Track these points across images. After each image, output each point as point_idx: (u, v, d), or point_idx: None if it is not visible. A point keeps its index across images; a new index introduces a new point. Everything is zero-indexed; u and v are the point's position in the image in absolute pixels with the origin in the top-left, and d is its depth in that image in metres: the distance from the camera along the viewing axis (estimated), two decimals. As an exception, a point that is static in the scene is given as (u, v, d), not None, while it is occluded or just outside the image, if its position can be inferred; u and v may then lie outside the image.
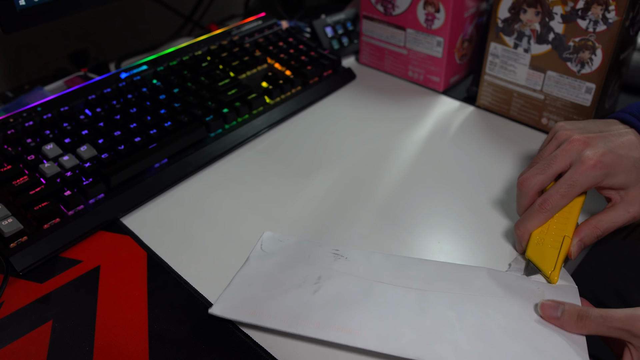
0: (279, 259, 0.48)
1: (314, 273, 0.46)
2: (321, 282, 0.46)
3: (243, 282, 0.46)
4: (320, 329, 0.42)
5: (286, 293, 0.45)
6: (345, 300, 0.44)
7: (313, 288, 0.45)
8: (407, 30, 0.72)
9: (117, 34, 0.94)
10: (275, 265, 0.48)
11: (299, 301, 0.44)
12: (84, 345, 0.43)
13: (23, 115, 0.59)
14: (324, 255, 0.48)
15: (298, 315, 0.43)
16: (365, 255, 0.48)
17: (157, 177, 0.56)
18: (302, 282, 0.46)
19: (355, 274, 0.46)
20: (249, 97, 0.65)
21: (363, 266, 0.47)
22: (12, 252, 0.48)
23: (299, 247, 0.50)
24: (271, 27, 0.80)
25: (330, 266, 0.47)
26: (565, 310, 0.41)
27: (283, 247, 0.50)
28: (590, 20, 0.56)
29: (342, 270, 0.47)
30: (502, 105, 0.68)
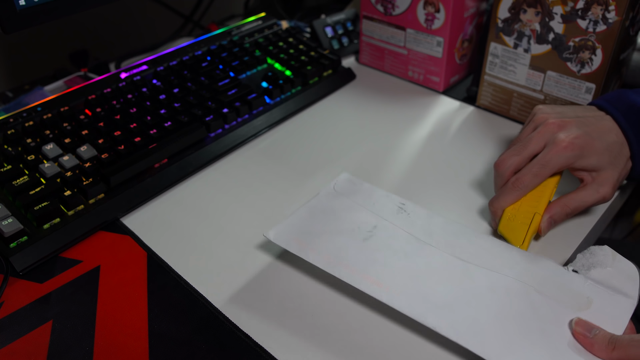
0: (346, 201, 0.50)
1: (372, 221, 0.48)
2: (375, 232, 0.47)
3: (305, 214, 0.48)
4: (354, 276, 0.43)
5: (339, 234, 0.46)
6: (389, 254, 0.45)
7: (365, 235, 0.46)
8: (407, 30, 0.72)
9: (117, 34, 0.94)
10: (340, 206, 0.49)
11: (346, 244, 0.46)
12: (84, 345, 0.43)
13: (23, 115, 0.59)
14: (389, 205, 0.49)
15: (340, 258, 0.44)
16: (428, 216, 0.49)
17: (157, 177, 0.56)
18: (358, 227, 0.47)
19: (409, 231, 0.47)
20: (249, 97, 0.65)
21: (421, 225, 0.48)
22: (12, 252, 0.48)
23: (369, 193, 0.50)
24: (271, 27, 0.80)
25: (390, 218, 0.48)
26: (597, 334, 0.39)
27: (354, 191, 0.50)
28: (590, 20, 0.56)
29: (399, 224, 0.47)
30: (502, 105, 0.68)
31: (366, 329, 0.44)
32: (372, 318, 0.44)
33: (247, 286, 0.47)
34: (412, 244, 0.46)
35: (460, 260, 0.45)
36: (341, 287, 0.47)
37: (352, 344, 0.43)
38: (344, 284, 0.47)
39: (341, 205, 0.49)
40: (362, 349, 0.42)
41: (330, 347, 0.42)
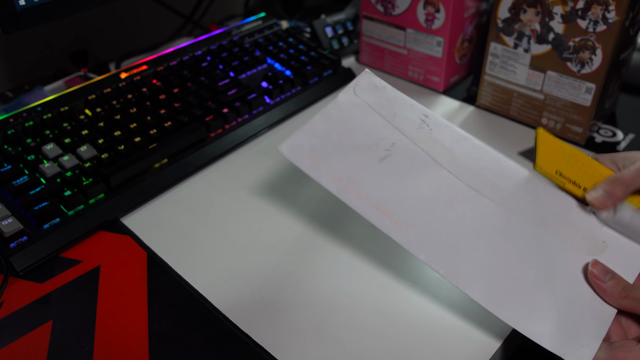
0: (366, 108, 0.44)
1: (391, 137, 0.43)
2: (392, 151, 0.43)
3: (321, 123, 0.44)
4: (365, 205, 0.41)
5: (355, 151, 0.43)
6: (406, 182, 0.42)
7: (382, 154, 0.42)
8: (407, 30, 0.72)
9: (117, 34, 0.94)
10: (360, 115, 0.44)
11: (361, 164, 0.42)
12: (84, 345, 0.43)
13: (23, 115, 0.59)
14: (410, 117, 0.44)
15: (353, 180, 0.41)
16: (453, 136, 0.44)
17: (157, 177, 0.56)
18: (375, 144, 0.43)
19: (431, 153, 0.43)
20: (249, 97, 0.65)
21: (442, 147, 0.43)
22: (12, 252, 0.48)
23: (392, 99, 0.45)
24: (271, 27, 0.80)
25: (410, 133, 0.43)
26: (613, 278, 0.39)
27: (375, 95, 0.45)
28: (590, 20, 0.56)
29: (420, 144, 0.43)
30: (502, 105, 0.68)
31: (367, 329, 0.44)
32: (373, 318, 0.44)
33: (247, 286, 0.47)
34: (434, 173, 0.42)
35: (475, 191, 0.42)
36: (341, 287, 0.47)
37: (353, 343, 0.43)
38: (344, 283, 0.47)
39: (360, 114, 0.44)
40: (363, 349, 0.42)
41: (330, 347, 0.42)
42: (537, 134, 0.45)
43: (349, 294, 0.46)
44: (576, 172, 0.44)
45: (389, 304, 0.46)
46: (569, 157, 0.44)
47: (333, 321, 0.44)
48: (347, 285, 0.47)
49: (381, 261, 0.49)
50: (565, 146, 0.45)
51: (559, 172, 0.44)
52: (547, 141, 0.45)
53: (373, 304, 0.46)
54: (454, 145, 0.44)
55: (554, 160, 0.44)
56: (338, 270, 0.49)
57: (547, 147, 0.45)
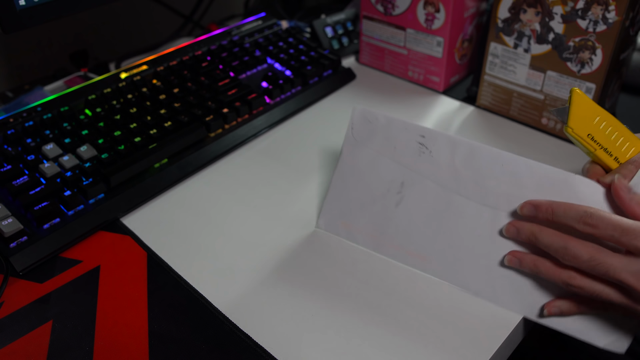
0: (368, 152, 0.49)
1: (398, 177, 0.48)
2: (403, 192, 0.48)
3: (339, 185, 0.50)
4: (399, 253, 0.48)
5: (375, 203, 0.49)
6: (423, 220, 0.47)
7: (396, 199, 0.48)
8: (407, 30, 0.72)
9: (117, 34, 0.94)
10: (365, 162, 0.49)
11: (383, 215, 0.48)
12: (84, 345, 0.43)
13: (23, 115, 0.59)
14: (409, 144, 0.47)
15: (383, 232, 0.48)
16: (451, 151, 0.46)
17: (157, 177, 0.56)
18: (387, 190, 0.48)
19: (436, 180, 0.46)
20: (249, 97, 0.65)
21: (446, 165, 0.46)
22: (12, 252, 0.48)
23: (387, 131, 0.48)
24: (271, 27, 0.80)
25: (414, 165, 0.47)
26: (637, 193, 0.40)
27: (372, 131, 0.49)
28: (590, 20, 0.56)
29: (424, 173, 0.47)
30: (502, 105, 0.68)
31: (366, 329, 0.44)
32: (372, 317, 0.44)
33: (247, 286, 0.47)
34: (441, 199, 0.46)
35: (489, 207, 0.45)
36: (341, 286, 0.47)
37: (353, 343, 0.43)
38: (344, 282, 0.47)
39: (364, 161, 0.49)
40: (363, 348, 0.42)
41: (330, 347, 0.42)
42: (573, 93, 0.43)
43: (349, 294, 0.46)
44: (609, 140, 0.43)
45: (390, 303, 0.46)
46: (604, 122, 0.43)
47: (333, 321, 0.44)
48: (347, 285, 0.47)
49: (381, 261, 0.49)
50: (601, 111, 0.43)
51: (590, 136, 0.43)
52: (582, 102, 0.43)
53: (373, 304, 0.46)
54: (454, 159, 0.46)
55: (587, 124, 0.43)
56: (338, 270, 0.49)
57: (581, 108, 0.43)
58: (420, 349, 0.42)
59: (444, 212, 0.46)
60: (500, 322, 0.44)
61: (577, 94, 0.43)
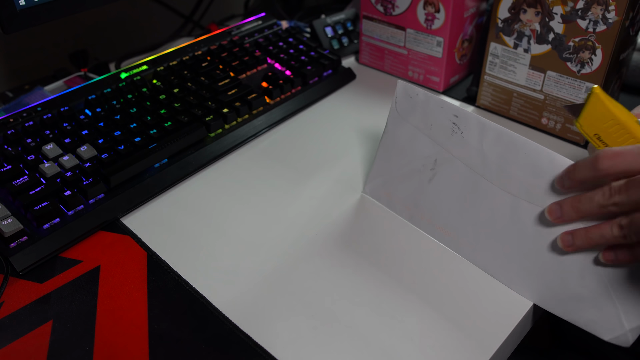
0: (408, 127, 0.51)
1: (432, 154, 0.50)
2: (436, 169, 0.50)
3: (383, 155, 0.54)
4: (429, 226, 0.52)
5: (411, 176, 0.52)
6: (452, 198, 0.49)
7: (429, 175, 0.50)
8: (407, 30, 0.72)
9: (117, 34, 0.94)
10: (405, 136, 0.52)
11: (418, 189, 0.52)
12: (84, 345, 0.43)
13: (23, 115, 0.59)
14: (443, 123, 0.49)
15: (416, 205, 0.52)
16: (479, 134, 0.47)
17: (157, 177, 0.56)
18: (423, 165, 0.51)
19: (465, 161, 0.48)
20: (249, 97, 0.65)
21: (475, 150, 0.47)
22: (12, 252, 0.48)
23: (425, 107, 0.50)
24: (271, 27, 0.80)
25: (446, 144, 0.49)
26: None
27: (412, 106, 0.51)
28: (590, 20, 0.56)
29: (455, 153, 0.48)
30: (502, 105, 0.68)
31: (367, 327, 0.44)
32: (373, 317, 0.44)
33: (247, 286, 0.47)
34: (468, 180, 0.48)
35: (510, 194, 0.45)
36: (341, 286, 0.47)
37: (352, 343, 0.43)
38: (344, 282, 0.47)
39: (405, 136, 0.52)
40: (363, 348, 0.42)
41: (331, 347, 0.42)
42: (592, 93, 0.44)
43: (350, 294, 0.46)
44: (617, 140, 0.44)
45: (390, 303, 0.46)
46: (615, 125, 0.44)
47: (333, 321, 0.44)
48: (348, 285, 0.47)
49: (381, 260, 0.49)
50: (616, 114, 0.43)
51: (597, 136, 0.44)
52: (598, 104, 0.44)
53: (373, 304, 0.46)
54: (482, 142, 0.47)
55: (597, 124, 0.44)
56: (338, 269, 0.49)
57: (595, 109, 0.44)
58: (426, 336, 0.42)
59: (470, 193, 0.48)
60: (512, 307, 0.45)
61: (596, 94, 0.44)
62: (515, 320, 0.44)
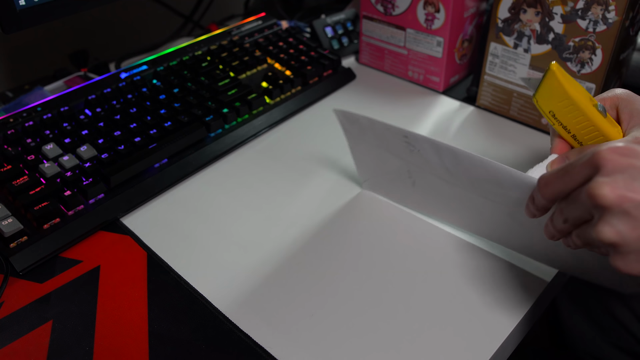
0: (368, 146, 0.51)
1: (403, 166, 0.50)
2: (412, 176, 0.50)
3: (360, 164, 0.54)
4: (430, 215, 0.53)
5: (394, 181, 0.52)
6: (436, 198, 0.50)
7: (410, 181, 0.51)
8: (407, 30, 0.72)
9: (117, 34, 0.94)
10: (370, 154, 0.52)
11: (406, 189, 0.52)
12: (84, 345, 0.43)
13: (23, 115, 0.59)
14: (397, 142, 0.47)
15: (412, 201, 0.53)
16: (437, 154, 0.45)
17: (157, 177, 0.56)
18: (400, 174, 0.51)
19: (435, 174, 0.47)
20: (249, 97, 0.65)
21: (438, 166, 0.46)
22: (12, 252, 0.48)
23: (374, 132, 0.49)
24: (271, 27, 0.80)
25: (409, 159, 0.48)
26: None
27: (361, 130, 0.50)
28: (590, 20, 0.56)
29: (422, 167, 0.48)
30: (502, 105, 0.68)
31: (367, 327, 0.44)
32: (371, 316, 0.44)
33: (247, 286, 0.47)
34: (446, 188, 0.48)
35: (490, 201, 0.45)
36: (341, 286, 0.47)
37: (353, 343, 0.43)
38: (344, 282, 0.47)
39: (370, 153, 0.52)
40: (363, 348, 0.42)
41: (330, 347, 0.42)
42: (549, 69, 0.43)
43: (350, 293, 0.46)
44: (571, 120, 0.44)
45: (390, 303, 0.46)
46: (570, 105, 0.43)
47: (333, 321, 0.44)
48: (348, 285, 0.47)
49: (381, 260, 0.49)
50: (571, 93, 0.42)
51: (552, 113, 0.44)
52: (554, 81, 0.43)
53: (373, 303, 0.46)
54: (443, 161, 0.46)
55: (553, 101, 0.44)
56: (338, 269, 0.49)
57: (552, 86, 0.43)
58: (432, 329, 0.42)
59: (452, 197, 0.48)
60: (512, 307, 0.45)
61: (553, 71, 0.43)
62: (515, 320, 0.44)
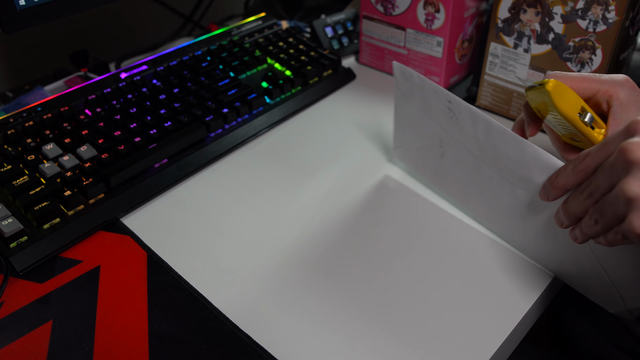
0: (411, 107, 0.52)
1: (437, 134, 0.51)
2: (444, 147, 0.51)
3: (399, 131, 0.56)
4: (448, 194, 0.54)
5: (425, 151, 0.53)
6: (461, 173, 0.51)
7: (439, 152, 0.52)
8: (407, 30, 0.72)
9: (117, 34, 0.94)
10: (411, 115, 0.53)
11: (434, 161, 0.53)
12: (84, 345, 0.43)
13: (23, 115, 0.59)
14: (440, 107, 0.49)
15: (436, 173, 0.54)
16: (472, 123, 0.46)
17: (157, 177, 0.56)
18: (431, 143, 0.52)
19: (465, 145, 0.49)
20: (249, 97, 0.65)
21: (471, 137, 0.47)
22: (12, 252, 0.48)
23: (422, 91, 0.50)
24: (271, 27, 0.80)
25: (447, 127, 0.49)
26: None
27: (411, 88, 0.51)
28: (590, 20, 0.56)
29: (456, 137, 0.49)
30: (502, 105, 0.68)
31: (367, 327, 0.44)
32: (371, 315, 0.44)
33: (247, 286, 0.47)
34: (472, 163, 0.49)
35: (508, 182, 0.46)
36: (341, 286, 0.47)
37: (353, 343, 0.43)
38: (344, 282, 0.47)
39: (411, 113, 0.53)
40: (363, 348, 0.42)
41: (330, 347, 0.42)
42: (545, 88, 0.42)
43: (350, 293, 0.46)
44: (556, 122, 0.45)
45: (390, 303, 0.46)
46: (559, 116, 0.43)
47: (333, 321, 0.44)
48: (347, 285, 0.47)
49: (381, 261, 0.49)
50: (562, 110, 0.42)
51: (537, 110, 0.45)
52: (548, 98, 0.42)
53: (373, 303, 0.46)
54: (476, 131, 0.47)
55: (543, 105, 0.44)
56: (338, 269, 0.49)
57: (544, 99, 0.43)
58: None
59: (475, 174, 0.49)
60: (512, 307, 0.45)
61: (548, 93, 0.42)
62: (515, 320, 0.44)
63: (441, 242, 0.51)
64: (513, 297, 0.46)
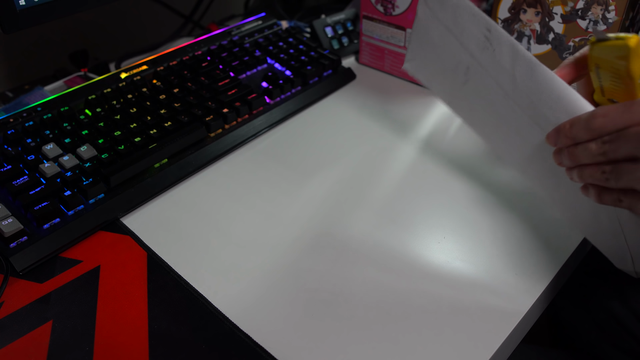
0: (439, 28, 0.49)
1: (464, 61, 0.48)
2: (469, 75, 0.48)
3: (416, 41, 0.52)
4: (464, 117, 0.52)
5: (445, 73, 0.50)
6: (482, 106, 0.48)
7: (463, 78, 0.49)
8: (407, 30, 0.72)
9: (117, 34, 0.94)
10: (437, 36, 0.49)
11: (453, 85, 0.50)
12: (84, 345, 0.43)
13: (23, 115, 0.59)
14: (475, 33, 0.46)
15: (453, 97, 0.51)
16: (512, 59, 0.44)
17: (157, 177, 0.56)
18: (455, 67, 0.49)
19: (496, 79, 0.45)
20: (249, 97, 0.65)
21: (506, 72, 0.45)
22: (12, 252, 0.48)
23: (455, 12, 0.47)
24: (271, 27, 0.80)
25: (478, 56, 0.46)
26: None
27: (442, 5, 0.47)
28: (590, 20, 0.56)
29: (487, 68, 0.46)
30: (502, 105, 0.68)
31: (367, 327, 0.44)
32: (371, 315, 0.44)
33: (247, 286, 0.47)
34: (499, 99, 0.46)
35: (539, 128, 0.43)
36: (342, 286, 0.47)
37: (353, 343, 0.43)
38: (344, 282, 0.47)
39: (436, 33, 0.49)
40: (363, 348, 0.42)
41: (330, 347, 0.42)
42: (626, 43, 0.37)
43: (350, 293, 0.46)
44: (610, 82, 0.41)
45: (390, 303, 0.46)
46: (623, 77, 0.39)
47: (334, 321, 0.44)
48: (347, 284, 0.47)
49: (381, 261, 0.49)
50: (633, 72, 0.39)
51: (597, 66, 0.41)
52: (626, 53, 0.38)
53: (373, 303, 0.46)
54: (514, 69, 0.44)
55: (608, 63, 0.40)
56: (338, 269, 0.49)
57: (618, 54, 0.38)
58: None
59: (500, 110, 0.46)
60: (512, 307, 0.45)
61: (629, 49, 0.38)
62: (515, 320, 0.44)
63: (441, 242, 0.51)
64: (513, 297, 0.46)
